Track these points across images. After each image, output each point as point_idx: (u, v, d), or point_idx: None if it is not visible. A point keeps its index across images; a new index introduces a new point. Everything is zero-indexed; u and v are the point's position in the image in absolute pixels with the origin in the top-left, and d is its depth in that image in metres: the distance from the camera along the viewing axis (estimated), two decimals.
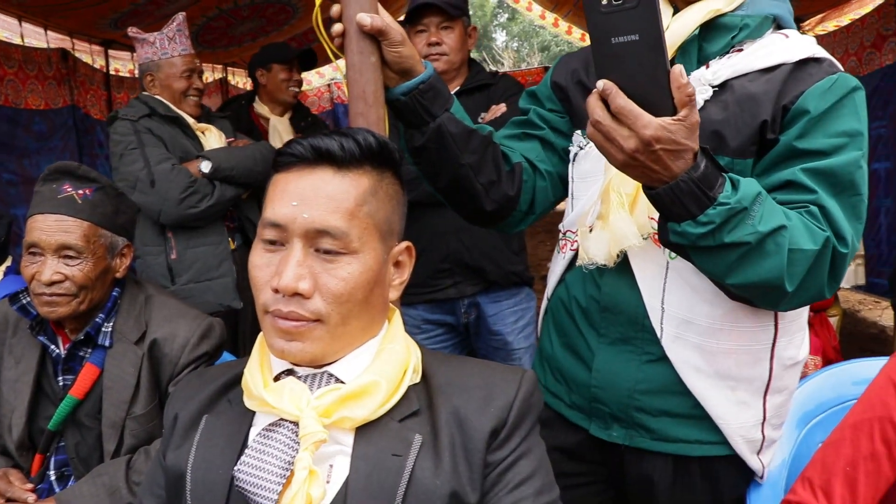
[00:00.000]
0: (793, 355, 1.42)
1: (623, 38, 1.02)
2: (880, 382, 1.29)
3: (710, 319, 1.34)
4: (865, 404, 1.29)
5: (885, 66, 5.06)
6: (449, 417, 1.03)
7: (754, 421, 1.40)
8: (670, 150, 1.06)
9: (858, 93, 1.28)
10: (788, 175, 1.24)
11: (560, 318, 1.53)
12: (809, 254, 1.17)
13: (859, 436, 1.26)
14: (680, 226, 1.13)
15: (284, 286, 0.98)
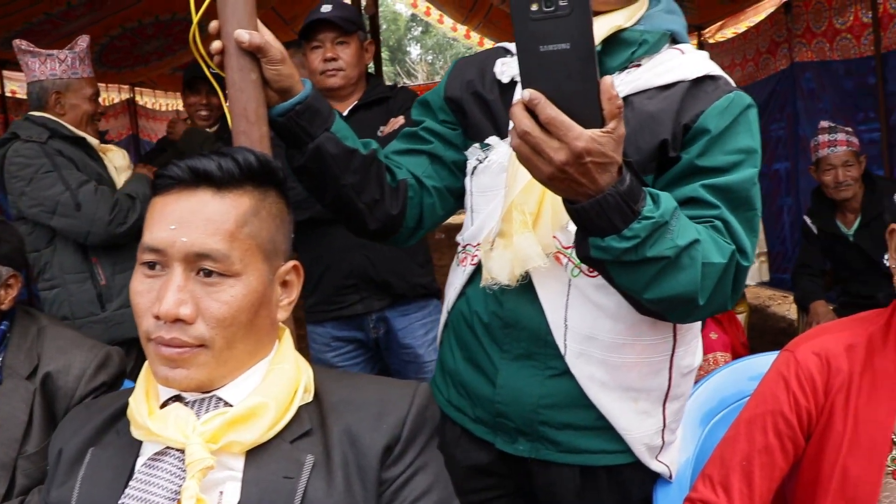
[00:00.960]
0: (689, 363, 1.45)
1: (553, 46, 0.97)
2: (771, 377, 1.32)
3: (613, 335, 1.34)
4: (758, 399, 1.32)
5: (779, 70, 5.28)
6: (341, 436, 1.01)
7: (655, 429, 1.42)
8: (599, 162, 1.02)
9: (752, 110, 1.32)
10: (690, 192, 1.25)
11: (461, 332, 1.51)
12: (719, 267, 1.18)
13: (753, 430, 1.29)
14: (604, 240, 1.10)
15: (165, 312, 0.95)
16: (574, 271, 1.32)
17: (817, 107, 4.89)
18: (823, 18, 4.76)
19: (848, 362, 1.27)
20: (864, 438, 1.23)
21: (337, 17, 2.56)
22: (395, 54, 32.75)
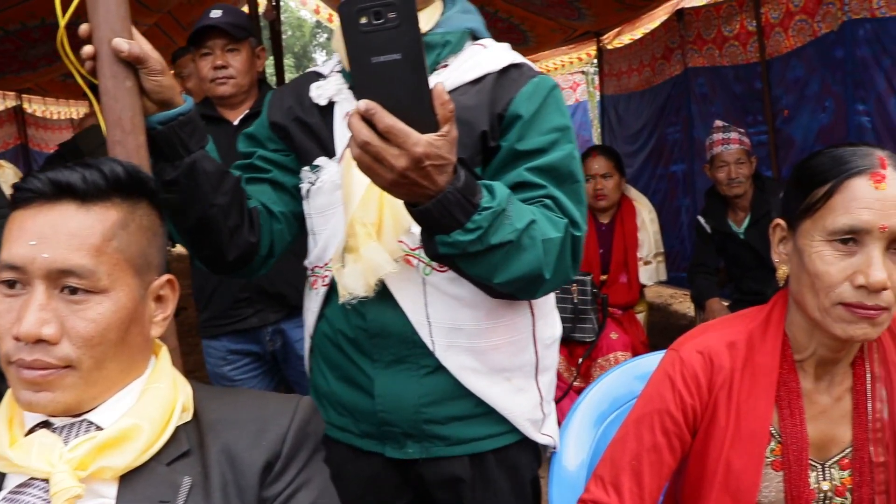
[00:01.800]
0: (551, 334, 1.54)
1: (384, 57, 1.00)
2: (657, 377, 1.35)
3: (475, 322, 1.41)
4: (645, 399, 1.35)
5: (674, 75, 5.44)
6: (219, 455, 0.98)
7: (534, 402, 1.50)
8: (437, 164, 1.06)
9: (557, 90, 1.41)
10: (516, 176, 1.34)
11: (328, 353, 1.53)
12: (557, 241, 1.27)
13: (641, 430, 1.32)
14: (450, 236, 1.14)
15: (26, 333, 0.90)
16: (426, 270, 1.38)
17: (710, 110, 5.07)
18: (713, 26, 4.93)
19: (730, 359, 1.31)
20: (745, 432, 1.27)
21: (226, 24, 2.51)
22: (301, 61, 32.42)
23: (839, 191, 1.17)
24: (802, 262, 1.21)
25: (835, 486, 1.29)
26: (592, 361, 3.43)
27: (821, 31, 4.02)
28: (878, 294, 1.14)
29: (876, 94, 3.70)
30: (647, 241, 3.83)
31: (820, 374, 1.31)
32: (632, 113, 6.18)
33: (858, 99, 3.82)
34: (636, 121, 6.09)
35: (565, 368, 3.37)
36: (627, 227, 3.81)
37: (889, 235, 1.15)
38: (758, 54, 4.53)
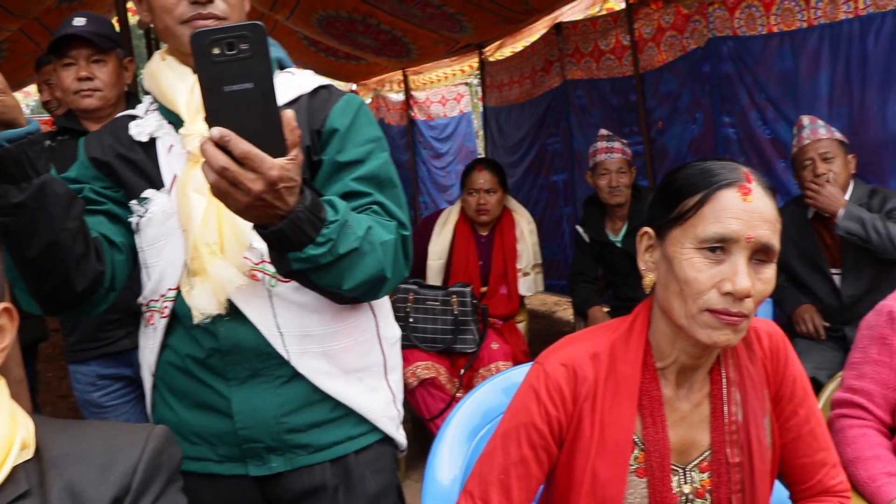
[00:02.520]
0: (393, 334, 1.62)
1: (237, 86, 1.04)
2: (523, 390, 1.35)
3: (323, 326, 1.47)
4: (512, 412, 1.35)
5: (553, 87, 5.57)
6: (61, 494, 0.91)
7: (388, 400, 1.58)
8: (289, 186, 1.12)
9: (365, 106, 1.54)
10: (343, 187, 1.43)
11: (176, 382, 1.51)
12: (391, 242, 1.38)
13: (508, 444, 1.32)
14: (303, 252, 1.21)
15: None
16: (271, 282, 1.43)
17: (588, 121, 5.20)
18: (590, 40, 5.07)
19: (593, 370, 1.33)
20: (610, 441, 1.29)
21: (91, 33, 2.37)
22: None
23: (710, 201, 1.21)
24: (672, 269, 1.24)
25: (695, 489, 1.33)
26: (474, 372, 3.44)
27: (689, 46, 4.20)
28: (741, 301, 1.18)
29: (740, 107, 3.89)
30: (526, 253, 3.86)
31: (680, 381, 1.35)
32: (513, 124, 6.29)
33: (725, 112, 4.01)
34: (517, 132, 6.20)
35: (448, 380, 3.37)
36: (507, 239, 3.84)
37: (754, 246, 1.19)
38: (632, 68, 4.68)
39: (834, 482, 1.46)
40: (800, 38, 3.53)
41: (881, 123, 3.23)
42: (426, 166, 8.83)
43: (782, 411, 1.42)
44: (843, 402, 1.87)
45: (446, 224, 3.85)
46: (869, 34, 3.23)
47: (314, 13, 5.53)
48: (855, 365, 1.90)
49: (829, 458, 1.46)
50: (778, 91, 3.68)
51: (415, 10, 5.14)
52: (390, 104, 9.14)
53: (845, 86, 3.37)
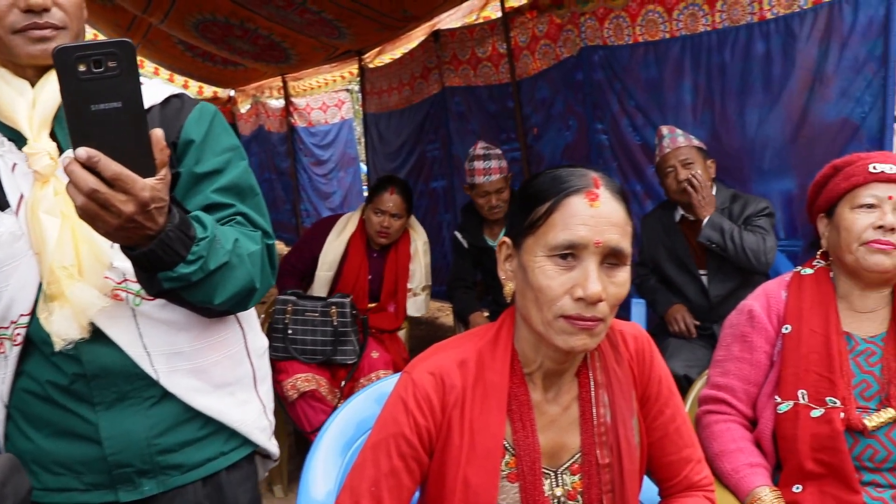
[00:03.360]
0: (261, 345, 1.62)
1: (104, 105, 1.02)
2: (392, 401, 1.34)
3: (191, 343, 1.44)
4: (381, 423, 1.34)
5: (432, 94, 5.60)
6: None
7: (259, 411, 1.58)
8: (160, 206, 1.10)
9: (219, 114, 1.52)
10: (204, 199, 1.41)
11: (35, 411, 1.43)
12: (258, 253, 1.39)
13: (378, 455, 1.31)
14: (175, 271, 1.19)
15: None
16: (136, 301, 1.39)
17: (467, 128, 5.25)
18: (467, 47, 5.11)
19: (461, 378, 1.33)
20: (480, 448, 1.29)
21: None
22: None
23: (558, 208, 1.23)
24: (526, 277, 1.25)
25: (567, 491, 1.35)
26: (355, 382, 3.39)
27: (563, 55, 4.29)
28: (594, 306, 1.20)
29: (611, 114, 4.01)
30: (419, 273, 3.83)
31: (548, 385, 1.37)
32: (393, 131, 6.27)
33: (597, 118, 4.11)
34: (397, 138, 6.19)
35: (329, 391, 3.31)
36: (401, 257, 3.79)
37: (603, 250, 1.21)
38: (509, 75, 4.75)
39: (699, 477, 1.51)
40: (663, 48, 3.66)
41: (740, 130, 3.40)
42: (307, 173, 8.72)
43: (649, 411, 1.46)
44: (709, 399, 1.94)
45: (342, 233, 3.75)
46: (726, 46, 3.39)
47: (190, 16, 5.34)
48: (719, 362, 1.97)
49: (694, 454, 1.51)
50: (646, 98, 3.81)
51: (293, 16, 5.04)
52: (270, 111, 8.99)
53: (707, 94, 3.52)
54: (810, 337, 1.82)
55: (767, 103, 3.28)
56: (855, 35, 2.94)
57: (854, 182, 1.84)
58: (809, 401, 1.76)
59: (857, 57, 2.94)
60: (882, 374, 1.77)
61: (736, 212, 3.09)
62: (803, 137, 3.18)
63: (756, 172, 3.39)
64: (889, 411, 1.73)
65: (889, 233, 1.76)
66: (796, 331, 1.85)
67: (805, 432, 1.73)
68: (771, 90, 3.26)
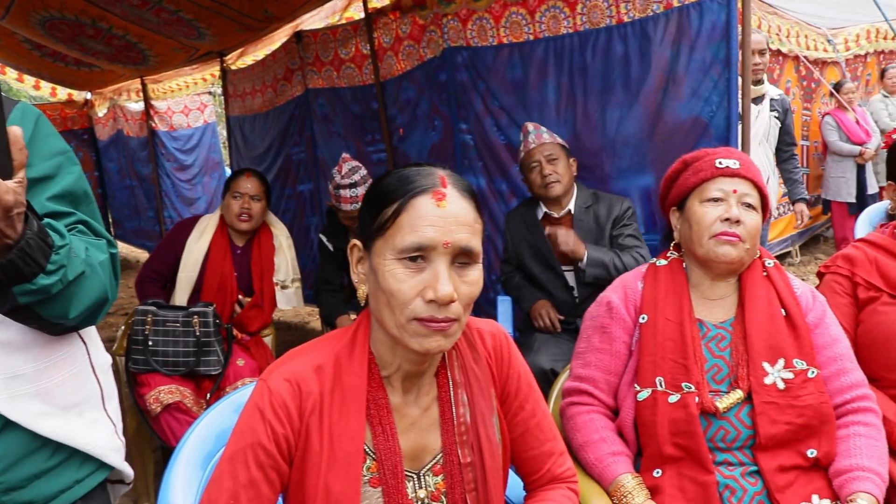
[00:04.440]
0: (104, 360, 1.53)
1: None
2: (248, 409, 1.29)
3: (32, 363, 1.34)
4: (238, 433, 1.28)
5: (296, 96, 5.47)
6: None
7: (110, 431, 1.49)
8: (21, 212, 1.03)
9: (43, 117, 1.41)
10: (40, 208, 1.28)
11: None
12: (107, 262, 1.33)
13: (236, 467, 1.24)
14: (34, 283, 1.11)
15: None
16: None
17: (332, 130, 5.16)
18: (330, 49, 5.02)
19: (318, 383, 1.29)
20: (341, 454, 1.26)
21: None
22: None
23: (405, 210, 1.21)
24: (377, 280, 1.23)
25: (430, 493, 1.34)
26: (222, 392, 3.27)
27: (426, 55, 4.27)
28: (447, 307, 1.19)
29: (475, 114, 4.02)
30: (285, 265, 3.78)
31: (407, 387, 1.35)
32: (257, 134, 6.10)
33: (461, 118, 4.12)
34: (262, 142, 6.02)
35: (194, 402, 3.16)
36: (264, 251, 3.72)
37: (453, 250, 1.20)
38: (373, 76, 4.70)
39: (561, 470, 1.54)
40: (528, 50, 3.70)
41: (601, 128, 3.48)
42: (171, 179, 8.42)
43: (509, 407, 1.47)
44: (572, 391, 1.96)
45: (204, 234, 3.63)
46: (587, 48, 3.46)
47: (35, 13, 4.99)
48: (580, 354, 2.00)
49: (555, 447, 1.53)
50: (510, 99, 3.84)
51: (148, 15, 4.81)
52: (129, 114, 8.61)
53: (570, 94, 3.58)
54: (665, 325, 1.87)
55: (626, 103, 3.37)
56: (702, 39, 3.07)
57: (702, 177, 1.92)
58: (666, 387, 1.80)
59: (705, 59, 3.07)
60: (731, 358, 1.84)
61: (602, 213, 3.17)
62: (659, 135, 3.29)
63: (616, 170, 3.48)
64: (737, 392, 1.79)
65: (735, 225, 1.85)
66: (652, 320, 1.90)
67: (663, 418, 1.77)
68: (630, 90, 3.36)
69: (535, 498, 1.51)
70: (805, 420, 1.75)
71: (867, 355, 2.03)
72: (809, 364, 1.81)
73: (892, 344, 2.01)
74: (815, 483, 1.74)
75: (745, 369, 1.80)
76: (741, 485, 1.73)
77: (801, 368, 1.80)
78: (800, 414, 1.75)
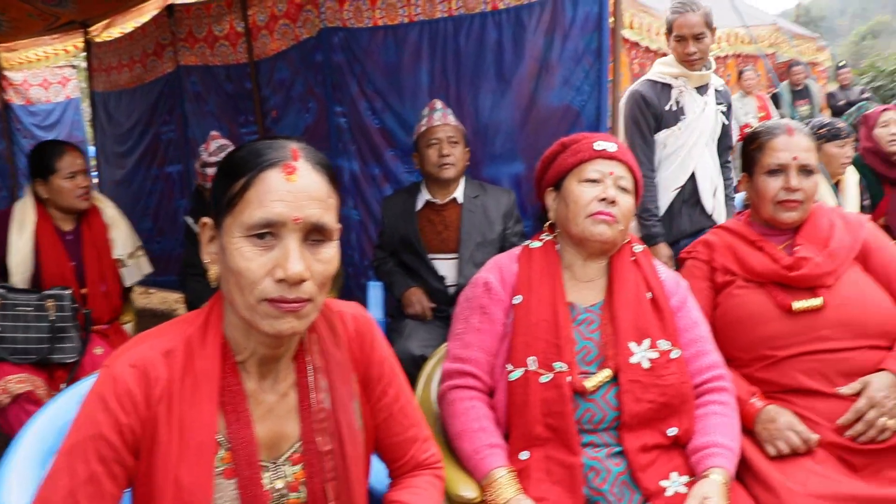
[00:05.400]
0: None
1: None
2: (90, 399, 1.20)
3: None
4: (77, 425, 1.19)
5: (166, 73, 5.25)
6: None
7: None
8: None
9: None
10: None
11: None
12: None
13: (74, 461, 1.16)
14: None
15: None
16: None
17: (204, 109, 4.98)
18: (203, 25, 4.85)
19: (167, 369, 1.22)
20: (192, 444, 1.20)
21: None
22: None
23: (254, 184, 1.16)
24: (226, 260, 1.18)
25: (289, 483, 1.30)
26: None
27: (302, 35, 4.18)
28: (298, 286, 1.15)
29: (350, 97, 3.96)
30: (121, 239, 3.49)
31: (263, 372, 1.30)
32: (123, 111, 5.80)
33: (336, 101, 4.05)
34: (128, 119, 5.74)
35: (47, 394, 2.97)
36: (95, 230, 3.42)
37: (304, 227, 1.16)
38: (247, 55, 4.56)
39: (426, 456, 1.52)
40: (402, 33, 3.68)
41: (474, 115, 3.49)
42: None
43: (372, 393, 1.43)
44: (453, 373, 1.94)
45: (24, 227, 3.27)
46: (461, 33, 3.47)
47: None
48: (459, 335, 1.98)
49: (420, 433, 1.51)
50: (384, 82, 3.81)
51: None
52: None
53: (443, 80, 3.58)
54: (538, 306, 1.90)
55: (499, 90, 3.40)
56: (575, 29, 3.13)
57: (581, 158, 1.96)
58: (539, 367, 1.82)
59: (577, 49, 3.13)
60: (600, 339, 1.88)
61: (490, 205, 3.18)
62: (531, 123, 3.34)
63: (487, 157, 3.51)
64: (605, 371, 1.83)
65: (610, 205, 1.90)
66: (526, 301, 1.92)
67: (535, 397, 1.79)
68: (503, 77, 3.38)
69: (399, 485, 1.49)
70: (667, 399, 1.81)
71: (723, 337, 2.11)
72: (673, 345, 1.88)
73: (745, 326, 2.10)
74: (675, 461, 1.80)
75: (613, 349, 1.85)
76: (605, 466, 1.76)
77: (665, 349, 1.86)
78: (662, 393, 1.81)
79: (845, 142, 3.82)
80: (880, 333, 2.03)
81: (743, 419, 1.94)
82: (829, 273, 2.07)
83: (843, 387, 1.97)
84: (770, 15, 12.19)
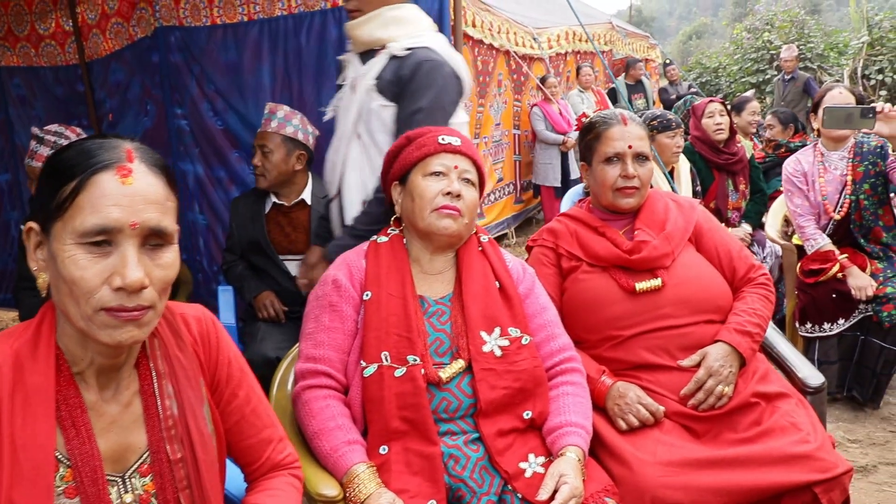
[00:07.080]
0: None
1: None
2: None
3: None
4: None
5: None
6: None
7: None
8: None
9: None
10: None
11: None
12: None
13: None
14: None
15: None
16: None
17: (31, 114, 4.66)
18: (26, 22, 4.54)
19: None
20: (27, 465, 1.12)
21: None
22: None
23: (86, 188, 1.10)
24: (58, 268, 1.11)
25: (138, 496, 1.25)
26: None
27: (137, 35, 4.01)
28: (138, 294, 1.11)
29: (190, 98, 3.84)
30: None
31: (104, 382, 1.24)
32: None
33: (176, 103, 3.92)
34: None
35: None
36: None
37: (141, 232, 1.12)
38: (77, 56, 4.32)
39: (282, 456, 1.50)
40: (242, 31, 3.60)
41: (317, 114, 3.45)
42: None
43: (221, 395, 1.40)
44: (306, 373, 1.91)
45: None
46: (302, 30, 3.43)
47: None
48: (310, 335, 1.96)
49: (274, 434, 1.49)
50: (225, 82, 3.72)
51: None
52: None
53: (285, 78, 3.53)
54: (389, 301, 1.90)
55: None
56: None
57: (425, 151, 1.97)
58: (392, 361, 1.83)
59: None
60: (451, 331, 1.92)
61: None
62: None
63: None
64: (459, 362, 1.87)
65: (455, 199, 1.93)
66: (376, 296, 1.92)
67: (390, 392, 1.80)
68: None
69: (256, 488, 1.47)
70: (521, 384, 1.87)
71: (571, 320, 2.21)
72: (523, 332, 1.94)
73: (590, 308, 2.20)
74: (531, 443, 1.86)
75: (464, 340, 1.88)
76: (464, 453, 1.80)
77: (515, 336, 1.91)
78: (516, 378, 1.86)
79: (675, 132, 4.07)
80: (714, 308, 2.18)
81: (594, 397, 2.04)
82: (666, 255, 2.21)
83: (683, 360, 2.10)
84: (605, 14, 12.80)
